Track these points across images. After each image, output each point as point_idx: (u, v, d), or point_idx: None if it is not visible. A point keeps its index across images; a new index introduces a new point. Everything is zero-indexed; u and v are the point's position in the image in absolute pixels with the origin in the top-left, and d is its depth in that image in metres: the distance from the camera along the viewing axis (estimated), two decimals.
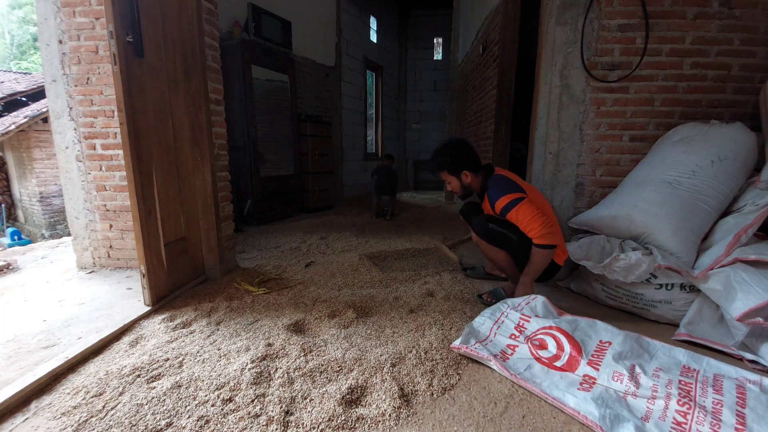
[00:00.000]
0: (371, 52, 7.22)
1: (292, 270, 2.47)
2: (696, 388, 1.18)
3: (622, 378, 1.22)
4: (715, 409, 1.09)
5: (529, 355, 1.38)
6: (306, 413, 1.13)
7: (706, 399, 1.13)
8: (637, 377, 1.22)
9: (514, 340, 1.46)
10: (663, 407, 1.11)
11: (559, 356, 1.35)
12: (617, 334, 1.44)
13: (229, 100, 3.11)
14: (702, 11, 1.95)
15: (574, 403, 1.13)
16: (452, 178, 1.94)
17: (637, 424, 1.05)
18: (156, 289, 1.85)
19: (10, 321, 1.77)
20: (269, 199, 4.16)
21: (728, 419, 1.05)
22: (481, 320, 1.59)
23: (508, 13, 2.97)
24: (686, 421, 1.06)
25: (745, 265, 1.52)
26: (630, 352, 1.34)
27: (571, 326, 1.47)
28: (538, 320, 1.52)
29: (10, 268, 2.63)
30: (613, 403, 1.13)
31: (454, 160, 1.91)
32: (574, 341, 1.38)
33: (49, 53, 2.26)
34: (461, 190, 1.97)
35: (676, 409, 1.09)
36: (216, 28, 2.23)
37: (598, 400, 1.14)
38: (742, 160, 1.79)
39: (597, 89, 2.07)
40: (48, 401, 1.20)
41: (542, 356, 1.36)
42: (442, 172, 1.95)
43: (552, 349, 1.38)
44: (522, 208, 1.71)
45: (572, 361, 1.32)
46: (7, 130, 6.36)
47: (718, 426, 1.03)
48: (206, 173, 2.16)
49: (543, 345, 1.40)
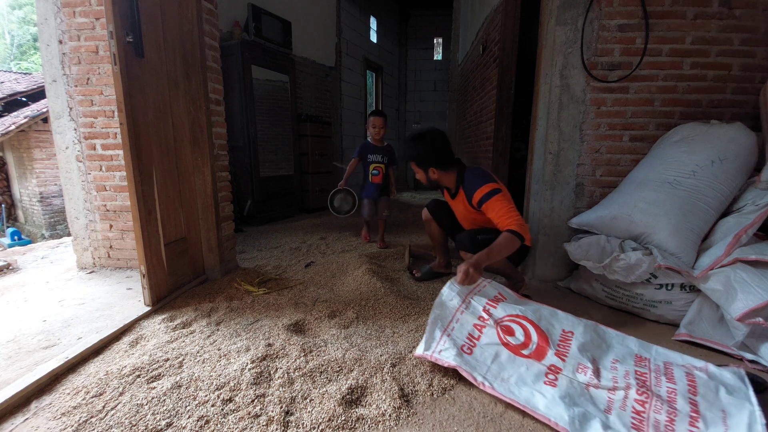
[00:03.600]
0: (371, 52, 7.22)
1: (292, 270, 2.47)
2: (651, 377, 1.23)
3: (586, 370, 1.27)
4: (670, 397, 1.14)
5: (497, 340, 1.40)
6: (306, 413, 1.13)
7: (661, 388, 1.18)
8: (598, 369, 1.28)
9: (482, 322, 1.47)
10: (623, 397, 1.16)
11: (527, 344, 1.38)
12: (578, 324, 1.49)
13: (229, 100, 3.11)
14: (702, 11, 1.95)
15: (544, 407, 1.14)
16: (419, 170, 1.94)
17: (602, 419, 1.08)
18: (156, 289, 1.85)
19: (10, 321, 1.77)
20: (269, 199, 4.16)
21: (683, 407, 1.10)
22: (450, 294, 1.57)
23: (508, 13, 2.97)
24: (645, 410, 1.10)
25: (746, 265, 1.52)
26: (591, 343, 1.40)
27: (536, 315, 1.50)
28: (505, 306, 1.53)
29: (10, 268, 2.63)
30: (578, 398, 1.17)
31: (423, 155, 1.89)
32: (541, 331, 1.42)
33: (50, 53, 2.27)
34: (427, 182, 1.98)
35: (635, 399, 1.14)
36: (216, 28, 2.23)
37: (566, 398, 1.16)
38: (742, 160, 1.79)
39: (597, 89, 2.07)
40: (48, 401, 1.20)
41: (510, 342, 1.39)
42: (411, 162, 1.95)
43: (520, 336, 1.41)
44: (501, 198, 1.74)
45: (540, 350, 1.35)
46: (7, 130, 6.36)
47: (674, 414, 1.08)
48: (206, 173, 2.16)
49: (511, 331, 1.43)
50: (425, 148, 1.87)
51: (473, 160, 4.24)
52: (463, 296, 1.58)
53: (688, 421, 1.06)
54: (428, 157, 1.88)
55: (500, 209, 1.72)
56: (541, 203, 2.21)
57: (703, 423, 1.05)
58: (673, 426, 1.05)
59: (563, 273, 2.25)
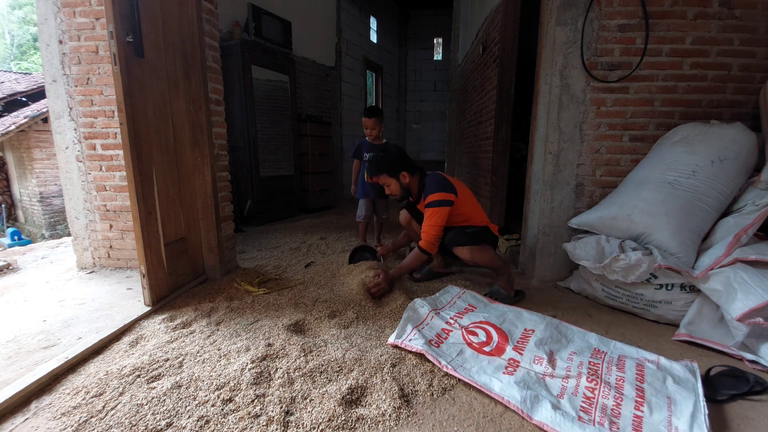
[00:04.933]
0: (371, 52, 7.22)
1: (292, 270, 2.47)
2: (603, 367, 1.34)
3: (542, 361, 1.39)
4: (618, 384, 1.25)
5: (462, 340, 1.55)
6: (306, 413, 1.13)
7: (611, 376, 1.29)
8: (554, 360, 1.40)
9: (449, 326, 1.64)
10: (575, 385, 1.27)
11: (488, 343, 1.53)
12: (540, 322, 1.65)
13: (229, 100, 3.11)
14: (702, 11, 1.95)
15: (499, 389, 1.25)
16: (392, 180, 2.08)
17: (553, 402, 1.18)
18: (156, 289, 1.85)
19: (10, 321, 1.77)
20: (269, 199, 4.16)
21: (629, 392, 1.21)
22: (422, 302, 1.79)
23: (508, 13, 2.97)
24: (594, 395, 1.21)
25: (746, 265, 1.52)
26: (550, 338, 1.54)
27: (500, 319, 1.68)
28: (471, 316, 1.73)
29: (10, 268, 2.63)
30: (533, 384, 1.27)
31: (392, 163, 2.06)
32: (502, 332, 1.59)
33: (50, 53, 2.27)
34: (400, 191, 2.11)
35: (585, 386, 1.25)
36: (216, 28, 2.23)
37: (521, 383, 1.27)
38: (742, 160, 1.79)
39: (597, 89, 2.07)
40: (48, 401, 1.20)
41: (473, 341, 1.54)
42: (381, 176, 2.08)
43: (482, 337, 1.57)
44: (440, 212, 1.94)
45: (499, 348, 1.49)
46: (7, 130, 6.35)
47: (620, 398, 1.18)
48: (206, 173, 2.16)
49: (474, 334, 1.59)
50: (393, 156, 2.07)
51: (473, 160, 4.24)
52: (433, 307, 1.78)
53: (634, 405, 1.16)
54: (398, 162, 2.06)
55: (429, 219, 1.94)
56: (541, 203, 2.21)
57: (647, 407, 1.15)
58: (619, 409, 1.15)
59: (563, 273, 2.25)
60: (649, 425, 1.09)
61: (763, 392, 1.24)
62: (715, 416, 1.15)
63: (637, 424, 1.10)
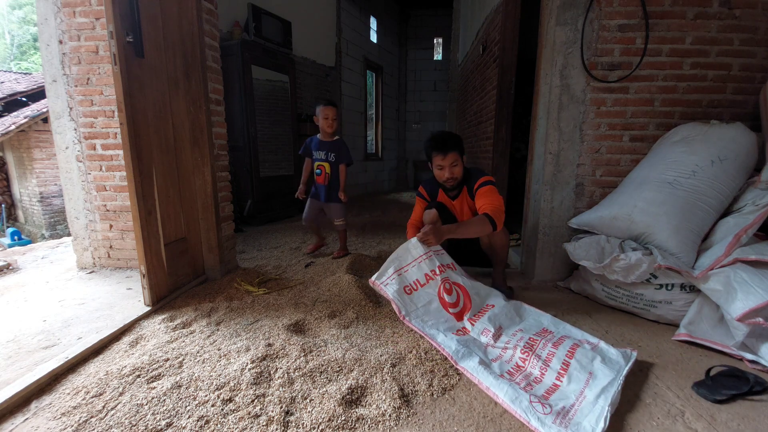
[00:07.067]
0: (371, 52, 7.22)
1: (292, 270, 2.47)
2: (540, 344, 1.45)
3: (488, 333, 1.55)
4: (548, 358, 1.36)
5: (436, 291, 1.71)
6: (306, 413, 1.13)
7: (544, 351, 1.40)
8: (499, 335, 1.55)
9: (434, 275, 1.74)
10: (511, 356, 1.42)
11: (456, 305, 1.69)
12: (501, 301, 1.77)
13: (229, 100, 3.10)
14: (702, 11, 1.95)
15: (441, 340, 1.47)
16: (460, 160, 1.92)
17: (484, 360, 1.36)
18: (156, 289, 1.85)
19: (10, 321, 1.77)
20: (269, 199, 4.16)
21: (555, 365, 1.32)
22: (417, 245, 1.80)
23: (508, 13, 2.97)
24: (524, 365, 1.36)
25: (746, 265, 1.52)
26: (504, 315, 1.68)
27: (474, 290, 1.78)
28: (451, 274, 1.80)
29: (10, 268, 2.63)
30: (472, 346, 1.45)
31: (461, 142, 1.96)
32: (469, 301, 1.71)
33: (50, 53, 2.26)
34: (461, 174, 1.96)
35: (519, 357, 1.40)
36: (216, 28, 2.23)
37: (462, 341, 1.47)
38: (742, 160, 1.79)
39: (597, 89, 2.07)
40: (48, 401, 1.20)
41: (445, 297, 1.69)
42: (452, 152, 1.89)
43: (453, 298, 1.70)
44: (494, 189, 1.93)
45: (460, 314, 1.67)
46: (7, 130, 6.35)
47: (545, 369, 1.31)
48: (206, 173, 2.16)
49: (449, 291, 1.71)
50: (459, 138, 1.97)
51: (473, 160, 4.24)
52: (427, 251, 1.81)
53: (556, 376, 1.28)
54: (462, 144, 1.97)
55: (489, 195, 1.89)
56: (541, 203, 2.21)
57: (567, 378, 1.26)
58: (542, 379, 1.28)
59: (563, 273, 2.25)
60: (562, 392, 1.21)
61: (763, 392, 1.24)
62: (715, 416, 1.15)
63: (551, 390, 1.22)
